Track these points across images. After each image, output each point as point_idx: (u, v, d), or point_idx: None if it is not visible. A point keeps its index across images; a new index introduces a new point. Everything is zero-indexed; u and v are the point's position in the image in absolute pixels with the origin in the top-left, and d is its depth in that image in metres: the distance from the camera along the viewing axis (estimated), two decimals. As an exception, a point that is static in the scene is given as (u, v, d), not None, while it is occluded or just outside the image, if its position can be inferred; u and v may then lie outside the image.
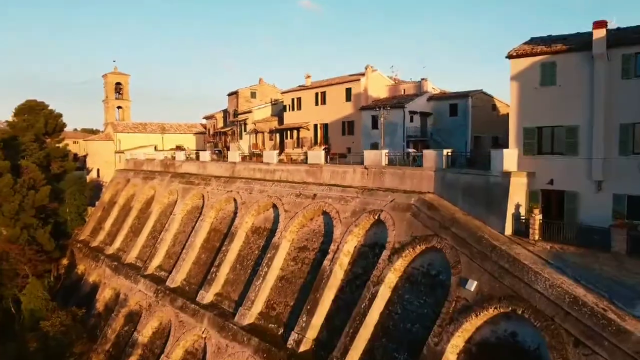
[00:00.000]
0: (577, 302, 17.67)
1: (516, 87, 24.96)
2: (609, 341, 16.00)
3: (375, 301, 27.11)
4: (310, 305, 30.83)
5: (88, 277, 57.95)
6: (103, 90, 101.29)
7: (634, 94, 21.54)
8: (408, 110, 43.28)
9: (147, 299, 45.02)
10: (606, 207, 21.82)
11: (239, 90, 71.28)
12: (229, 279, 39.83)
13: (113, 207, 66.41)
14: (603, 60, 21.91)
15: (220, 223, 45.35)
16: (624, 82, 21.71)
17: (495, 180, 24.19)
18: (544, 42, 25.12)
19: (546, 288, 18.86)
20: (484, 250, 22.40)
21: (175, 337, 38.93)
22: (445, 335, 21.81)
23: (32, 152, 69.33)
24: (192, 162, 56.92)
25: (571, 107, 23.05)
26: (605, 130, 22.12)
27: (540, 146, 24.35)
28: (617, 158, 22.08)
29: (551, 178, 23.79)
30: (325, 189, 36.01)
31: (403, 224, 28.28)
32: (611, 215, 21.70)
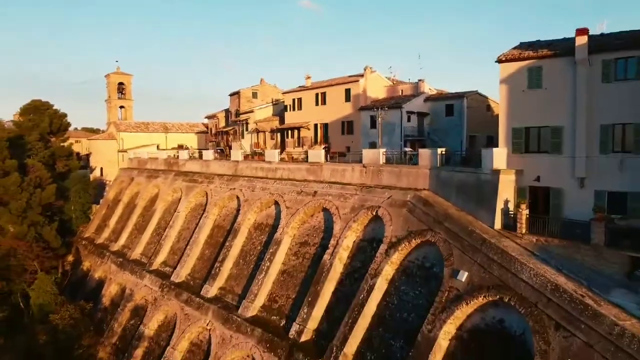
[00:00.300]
0: (558, 289, 19.11)
1: (505, 90, 26.43)
2: (585, 324, 17.44)
3: (372, 293, 28.52)
4: (311, 297, 32.24)
5: (94, 273, 59.35)
6: (106, 90, 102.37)
7: (613, 97, 23.01)
8: (405, 110, 44.69)
9: (153, 294, 46.41)
10: (588, 202, 23.27)
11: (240, 90, 72.73)
12: (232, 273, 41.24)
13: (117, 205, 67.80)
14: (585, 65, 23.36)
15: (224, 220, 46.77)
16: (604, 86, 23.15)
17: (486, 177, 25.67)
18: (531, 48, 26.58)
19: (531, 277, 20.30)
20: (475, 244, 23.83)
21: (181, 330, 40.32)
22: (438, 323, 23.25)
23: (37, 151, 70.79)
24: (196, 160, 58.32)
25: (556, 109, 24.49)
26: (587, 130, 23.57)
27: (528, 145, 25.82)
28: (598, 157, 23.55)
29: (538, 175, 25.25)
30: (326, 186, 37.43)
31: (399, 219, 29.70)
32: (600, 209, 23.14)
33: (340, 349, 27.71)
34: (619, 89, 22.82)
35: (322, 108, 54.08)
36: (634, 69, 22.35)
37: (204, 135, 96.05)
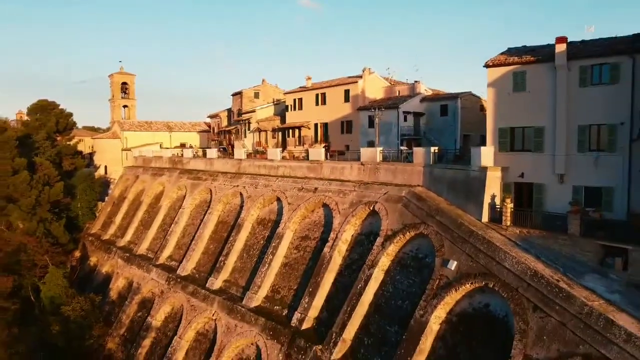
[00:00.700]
0: (537, 275, 21.02)
1: (493, 93, 28.35)
2: (559, 305, 19.36)
3: (369, 282, 30.43)
4: (311, 288, 34.16)
5: (101, 268, 61.27)
6: (109, 90, 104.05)
7: (589, 100, 24.90)
8: (402, 110, 46.56)
9: (160, 287, 48.33)
10: (567, 196, 25.17)
11: (243, 90, 74.60)
12: (236, 266, 43.14)
13: (123, 202, 69.71)
14: (564, 71, 25.24)
15: (228, 216, 48.68)
16: (581, 90, 25.04)
17: (474, 174, 27.59)
18: (517, 53, 28.47)
19: (513, 265, 22.23)
20: (463, 235, 25.76)
21: (187, 320, 42.23)
22: (430, 308, 25.18)
23: (45, 150, 72.73)
24: (200, 159, 60.16)
25: (538, 111, 26.37)
26: (566, 130, 25.45)
27: (513, 144, 27.74)
28: (576, 155, 25.46)
29: (522, 172, 27.18)
30: (325, 183, 39.35)
31: (395, 214, 31.63)
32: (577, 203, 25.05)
33: (339, 334, 29.61)
34: (594, 93, 24.74)
35: (322, 108, 55.97)
36: (608, 74, 24.26)
37: (206, 134, 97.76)
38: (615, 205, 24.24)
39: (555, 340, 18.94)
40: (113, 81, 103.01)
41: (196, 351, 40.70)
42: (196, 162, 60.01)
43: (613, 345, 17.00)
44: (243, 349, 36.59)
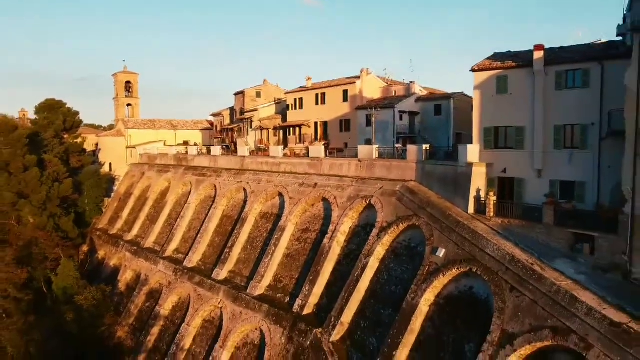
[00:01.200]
0: (514, 259, 23.42)
1: (478, 95, 30.72)
2: (532, 285, 21.76)
3: (366, 270, 32.84)
4: (312, 276, 36.58)
5: (109, 261, 63.71)
6: (113, 89, 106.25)
7: (564, 102, 27.24)
8: (398, 110, 48.93)
9: (167, 278, 50.75)
10: (545, 190, 27.50)
11: (245, 90, 76.94)
12: (240, 258, 45.55)
13: (129, 198, 72.10)
14: (541, 75, 27.59)
15: (232, 210, 51.09)
16: (557, 93, 27.38)
17: (462, 170, 29.98)
18: (500, 59, 30.83)
19: (494, 251, 24.63)
20: (451, 225, 28.15)
21: (195, 308, 44.66)
22: (420, 292, 27.59)
23: (53, 147, 74.77)
24: (204, 156, 62.54)
25: (519, 112, 28.71)
26: (544, 130, 27.82)
27: (497, 142, 30.10)
28: (552, 152, 27.84)
29: (504, 167, 29.55)
30: (325, 179, 41.74)
31: (390, 207, 34.03)
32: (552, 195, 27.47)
33: (337, 318, 32.03)
34: (568, 96, 27.07)
35: (321, 107, 58.33)
36: (580, 79, 26.59)
37: (208, 132, 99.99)
38: (586, 198, 26.66)
39: (528, 315, 21.37)
40: (117, 80, 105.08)
41: (203, 337, 43.14)
42: (201, 159, 62.37)
43: (576, 318, 19.41)
44: (248, 334, 39.03)
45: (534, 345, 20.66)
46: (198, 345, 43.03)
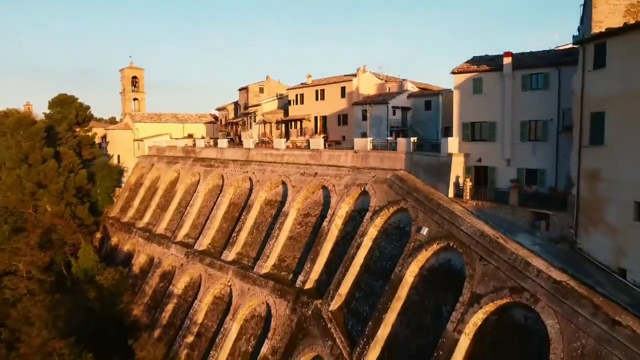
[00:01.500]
0: (484, 235, 27.79)
1: (457, 94, 34.99)
2: (497, 255, 26.16)
3: (360, 249, 37.24)
4: (312, 255, 41.00)
5: (122, 246, 68.15)
6: (120, 84, 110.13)
7: (528, 102, 31.46)
8: (391, 105, 53.11)
9: (179, 260, 55.19)
10: (513, 176, 31.81)
11: (248, 85, 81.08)
12: (247, 241, 49.96)
13: (139, 188, 76.49)
14: (510, 78, 31.81)
15: (239, 198, 55.46)
16: (523, 93, 31.61)
17: (443, 159, 34.33)
18: (476, 62, 35.06)
19: (467, 228, 28.99)
20: (433, 208, 32.51)
21: (206, 287, 49.12)
22: (406, 265, 31.99)
23: (67, 140, 79.09)
24: (212, 148, 66.79)
25: (492, 109, 32.93)
26: (512, 124, 32.06)
27: (473, 135, 34.36)
28: (519, 143, 32.12)
29: (480, 157, 33.88)
30: (324, 168, 46.06)
31: (381, 193, 38.41)
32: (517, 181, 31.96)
33: (335, 290, 36.46)
34: (532, 96, 31.29)
35: (321, 103, 62.57)
36: (542, 82, 30.81)
37: (212, 125, 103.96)
38: (546, 183, 30.96)
39: (492, 279, 25.79)
40: (124, 75, 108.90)
41: (214, 312, 47.63)
42: (208, 151, 66.63)
43: (528, 279, 23.80)
44: (255, 308, 43.49)
45: (496, 302, 25.12)
46: (210, 319, 47.52)
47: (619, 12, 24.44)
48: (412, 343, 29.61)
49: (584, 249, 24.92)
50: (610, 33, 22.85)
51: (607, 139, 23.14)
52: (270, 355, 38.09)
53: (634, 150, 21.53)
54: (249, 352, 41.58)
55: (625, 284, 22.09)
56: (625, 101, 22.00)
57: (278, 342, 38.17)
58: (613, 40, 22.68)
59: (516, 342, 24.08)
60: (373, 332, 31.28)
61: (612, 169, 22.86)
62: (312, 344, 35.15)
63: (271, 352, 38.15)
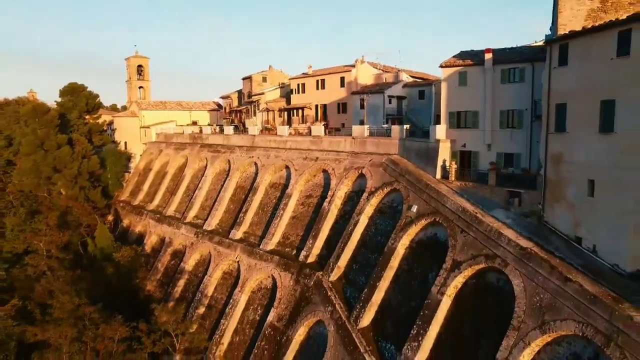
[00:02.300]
0: (465, 210, 31.70)
1: (445, 86, 38.72)
2: (475, 227, 30.11)
3: (357, 226, 41.20)
4: (314, 233, 44.98)
5: (134, 228, 72.26)
6: (126, 72, 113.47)
7: (506, 93, 35.20)
8: (387, 95, 56.77)
9: (189, 239, 59.26)
10: (493, 160, 35.71)
11: (252, 75, 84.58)
12: (253, 221, 53.94)
13: (148, 173, 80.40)
14: (490, 72, 35.52)
15: (245, 181, 59.37)
16: (502, 86, 35.38)
17: (432, 145, 38.18)
18: (462, 57, 38.75)
19: (451, 205, 32.87)
20: (422, 188, 36.41)
21: (215, 263, 53.23)
22: (398, 239, 35.96)
23: (78, 127, 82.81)
24: (218, 135, 70.53)
25: (475, 100, 36.67)
26: (492, 113, 35.86)
27: (459, 123, 38.13)
28: (498, 130, 35.95)
29: (464, 143, 37.74)
30: (325, 153, 49.89)
31: (377, 175, 42.30)
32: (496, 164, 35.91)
33: (335, 263, 40.49)
34: (510, 88, 35.02)
35: (321, 92, 66.21)
36: (518, 75, 34.57)
37: (215, 113, 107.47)
38: (521, 165, 34.83)
39: (471, 248, 29.78)
40: (129, 64, 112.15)
41: (223, 286, 51.80)
42: (215, 137, 70.38)
43: (500, 247, 27.75)
44: (261, 281, 47.62)
45: (474, 267, 29.13)
46: (219, 292, 51.70)
47: (581, 17, 28.14)
48: (402, 306, 33.72)
49: (549, 222, 28.91)
50: (571, 35, 26.57)
51: (568, 126, 26.97)
52: (276, 322, 42.27)
53: (587, 136, 25.37)
54: (256, 320, 45.80)
55: (580, 249, 26.08)
56: (581, 94, 25.79)
57: (283, 310, 42.33)
58: (573, 41, 26.40)
59: (490, 300, 28.16)
60: (368, 297, 35.37)
61: (572, 153, 26.75)
62: (314, 310, 39.29)
63: (277, 319, 42.33)
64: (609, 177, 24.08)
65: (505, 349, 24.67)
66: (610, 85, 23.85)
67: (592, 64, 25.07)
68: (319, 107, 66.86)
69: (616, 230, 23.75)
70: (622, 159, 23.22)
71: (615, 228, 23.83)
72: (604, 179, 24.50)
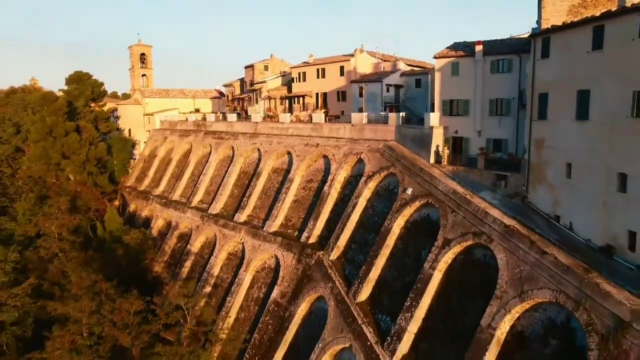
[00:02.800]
0: (456, 192, 34.17)
1: (439, 76, 40.98)
2: (464, 207, 32.58)
3: (356, 208, 43.67)
4: (315, 215, 47.49)
5: (141, 212, 74.82)
6: (129, 61, 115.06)
7: (496, 83, 37.50)
8: (385, 83, 58.96)
9: (195, 223, 61.82)
10: (483, 145, 38.17)
11: (254, 64, 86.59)
12: (257, 204, 56.43)
13: (153, 159, 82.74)
14: (481, 63, 37.76)
15: (248, 167, 61.77)
16: (492, 76, 37.65)
17: (426, 131, 40.54)
18: (455, 48, 40.99)
19: (443, 187, 35.32)
20: (417, 172, 38.84)
21: (221, 244, 55.82)
22: (394, 219, 38.46)
23: (85, 115, 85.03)
24: (221, 122, 72.75)
25: (466, 89, 38.96)
26: (482, 102, 38.21)
27: (451, 111, 40.48)
28: (488, 118, 38.33)
29: (456, 129, 40.16)
30: (325, 140, 52.22)
31: (374, 160, 44.69)
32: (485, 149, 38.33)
33: (334, 243, 43.04)
34: (498, 78, 37.35)
35: (322, 80, 68.37)
36: (506, 66, 36.86)
37: (217, 100, 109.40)
38: (508, 150, 37.31)
39: (460, 227, 32.29)
40: (132, 52, 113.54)
41: (229, 266, 54.49)
42: (219, 124, 72.61)
43: (486, 225, 30.25)
44: (265, 261, 50.27)
45: (462, 244, 31.68)
46: (225, 272, 54.41)
47: (563, 12, 30.36)
48: (397, 281, 36.35)
49: (532, 202, 31.42)
50: (552, 30, 28.82)
51: (549, 114, 29.34)
52: (279, 299, 44.98)
53: (565, 123, 27.76)
54: (261, 297, 48.53)
55: (558, 227, 28.60)
56: (560, 85, 28.13)
57: (286, 288, 45.00)
58: (554, 35, 28.66)
59: (476, 273, 30.76)
60: (366, 274, 38.00)
61: (552, 138, 29.14)
62: (315, 287, 41.95)
63: (280, 296, 45.03)
64: (584, 161, 26.52)
65: (488, 315, 27.30)
66: (586, 76, 26.18)
67: (571, 56, 27.37)
68: (319, 95, 69.05)
69: (589, 208, 26.24)
70: (595, 144, 25.63)
71: (588, 206, 26.32)
72: (579, 162, 26.95)
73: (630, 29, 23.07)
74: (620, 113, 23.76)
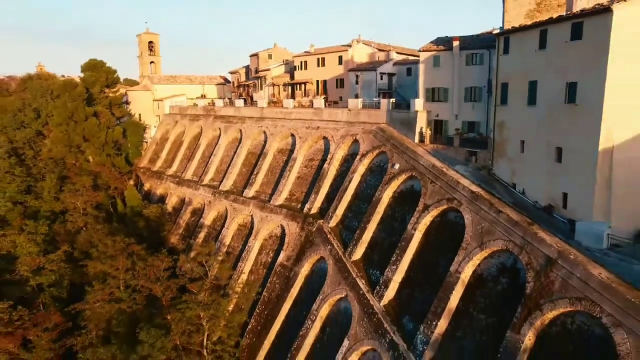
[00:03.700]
0: (435, 166, 40.63)
1: (423, 67, 47.21)
2: (441, 178, 39.07)
3: (351, 182, 50.16)
4: (316, 189, 53.99)
5: (155, 190, 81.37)
6: (138, 48, 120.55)
7: (470, 74, 43.66)
8: (379, 72, 65.10)
9: (207, 199, 68.39)
10: (459, 127, 44.70)
11: (259, 52, 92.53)
12: (264, 181, 62.92)
13: (165, 142, 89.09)
14: (458, 56, 43.96)
15: (255, 148, 68.13)
16: (467, 67, 43.86)
17: (412, 115, 46.94)
18: (437, 43, 47.19)
19: (425, 162, 41.80)
20: (404, 150, 45.29)
21: (232, 217, 62.44)
22: (383, 190, 44.98)
23: (100, 101, 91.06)
24: (229, 107, 78.99)
25: (445, 79, 45.22)
26: (459, 90, 44.52)
27: (433, 97, 46.77)
28: (463, 103, 44.62)
29: (437, 113, 46.53)
30: (325, 123, 58.54)
31: (368, 141, 51.11)
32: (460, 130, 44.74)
33: (333, 213, 49.62)
34: (472, 69, 43.57)
35: (322, 69, 74.50)
36: (478, 59, 43.10)
37: (222, 87, 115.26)
38: (480, 131, 43.77)
39: (437, 194, 38.85)
40: (140, 40, 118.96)
41: (239, 236, 61.17)
42: (227, 109, 78.85)
43: (457, 192, 36.75)
44: (272, 230, 56.93)
45: (438, 208, 38.26)
46: (236, 241, 61.11)
47: (522, 16, 36.54)
48: (385, 241, 43.02)
49: (495, 173, 37.96)
50: (511, 31, 35.06)
51: (509, 101, 35.72)
52: (285, 262, 51.74)
53: (520, 108, 34.18)
54: (268, 262, 55.29)
55: (514, 192, 35.18)
56: (517, 76, 34.47)
57: (291, 252, 51.73)
58: (513, 35, 34.90)
59: (448, 232, 37.39)
60: (359, 236, 44.64)
61: (510, 120, 35.57)
62: (317, 250, 48.66)
63: (286, 260, 51.77)
64: (533, 138, 32.99)
65: (456, 263, 33.94)
66: (535, 70, 32.52)
67: (524, 53, 33.67)
68: (319, 83, 75.24)
69: (536, 176, 32.79)
70: (540, 125, 32.08)
71: (536, 175, 32.86)
72: (530, 139, 33.42)
73: (565, 33, 29.36)
74: (557, 99, 30.17)
